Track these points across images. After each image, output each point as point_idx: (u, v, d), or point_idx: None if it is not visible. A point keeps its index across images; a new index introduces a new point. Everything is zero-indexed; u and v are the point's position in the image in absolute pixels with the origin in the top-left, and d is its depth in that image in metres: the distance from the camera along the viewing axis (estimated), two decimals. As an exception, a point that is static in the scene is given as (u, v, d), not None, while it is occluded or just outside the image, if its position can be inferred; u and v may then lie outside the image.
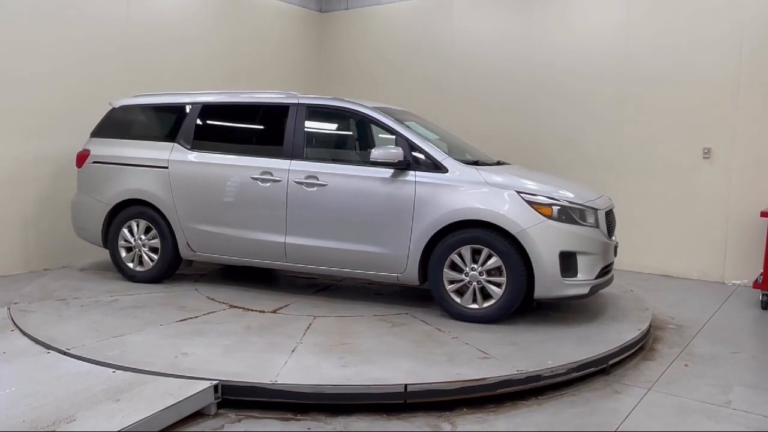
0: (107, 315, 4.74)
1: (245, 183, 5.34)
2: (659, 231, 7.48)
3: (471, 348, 4.20)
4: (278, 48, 9.47)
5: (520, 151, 7.89)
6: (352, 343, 4.24)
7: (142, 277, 5.78)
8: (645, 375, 4.22)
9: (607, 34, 7.71)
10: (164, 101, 6.01)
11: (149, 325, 4.51)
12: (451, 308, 4.84)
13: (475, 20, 8.74)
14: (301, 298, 5.40)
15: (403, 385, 3.56)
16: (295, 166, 5.23)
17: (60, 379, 3.55)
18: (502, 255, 4.63)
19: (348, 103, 5.36)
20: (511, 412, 3.58)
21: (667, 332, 5.20)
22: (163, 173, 5.63)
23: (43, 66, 6.65)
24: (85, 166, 6.00)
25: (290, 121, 5.36)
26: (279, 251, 5.29)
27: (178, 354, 3.90)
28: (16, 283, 6.04)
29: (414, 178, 4.89)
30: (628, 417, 3.55)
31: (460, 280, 4.79)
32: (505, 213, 4.63)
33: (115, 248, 5.85)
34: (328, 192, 5.10)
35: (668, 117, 7.35)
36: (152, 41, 7.67)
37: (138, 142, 5.88)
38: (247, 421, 3.39)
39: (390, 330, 4.57)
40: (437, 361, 3.94)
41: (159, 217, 5.66)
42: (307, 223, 5.17)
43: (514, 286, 4.63)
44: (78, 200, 6.09)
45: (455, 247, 4.75)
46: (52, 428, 2.94)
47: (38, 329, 4.34)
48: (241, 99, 5.75)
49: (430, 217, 4.78)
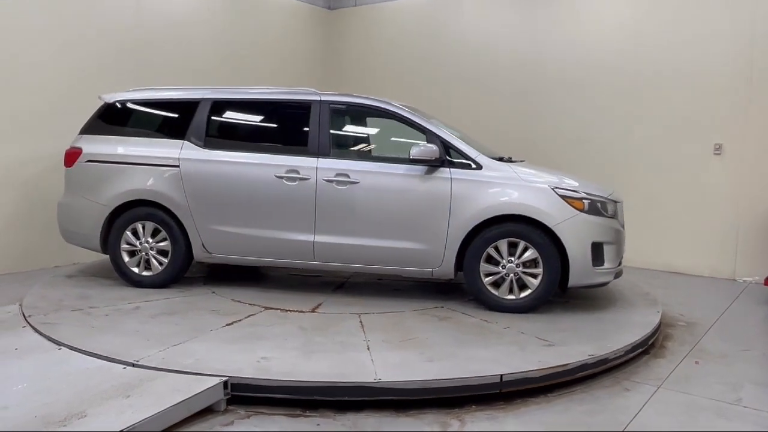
0: (143, 323, 4.45)
1: (269, 181, 5.17)
2: (669, 228, 7.44)
3: (530, 337, 4.37)
4: (286, 45, 9.48)
5: (528, 148, 7.85)
6: (417, 338, 4.28)
7: (150, 282, 5.43)
8: (655, 372, 4.20)
9: (616, 29, 7.67)
10: (169, 96, 5.69)
11: (198, 331, 4.29)
12: (488, 300, 4.99)
13: (484, 15, 8.72)
14: (328, 297, 5.35)
15: (498, 375, 3.67)
16: (323, 164, 5.14)
17: (71, 375, 3.57)
18: (539, 247, 4.84)
19: (373, 100, 5.38)
20: (520, 410, 3.58)
21: (678, 329, 5.17)
22: (173, 172, 5.34)
23: (45, 59, 6.67)
24: (77, 165, 5.54)
25: (313, 118, 5.27)
26: (307, 250, 5.18)
27: (259, 359, 3.78)
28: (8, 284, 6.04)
29: (449, 175, 4.99)
30: (638, 414, 3.54)
31: (496, 272, 4.96)
32: (543, 207, 4.84)
33: (117, 253, 5.46)
34: (361, 189, 5.08)
35: (678, 112, 7.31)
36: (159, 38, 7.68)
37: (139, 139, 5.55)
38: (256, 418, 3.40)
39: (441, 324, 4.65)
40: (510, 351, 4.08)
41: (169, 219, 5.35)
42: (338, 221, 5.10)
43: (550, 276, 4.86)
44: (68, 202, 5.64)
45: (492, 240, 4.92)
46: (63, 424, 2.96)
47: (85, 342, 4.00)
48: (257, 95, 5.59)
49: (468, 213, 4.91)
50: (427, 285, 5.87)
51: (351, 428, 3.31)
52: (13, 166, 6.48)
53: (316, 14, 10.03)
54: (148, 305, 4.94)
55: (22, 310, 4.74)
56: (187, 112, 5.52)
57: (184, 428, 3.22)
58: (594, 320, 4.87)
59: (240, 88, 5.79)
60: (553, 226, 4.80)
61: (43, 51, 6.60)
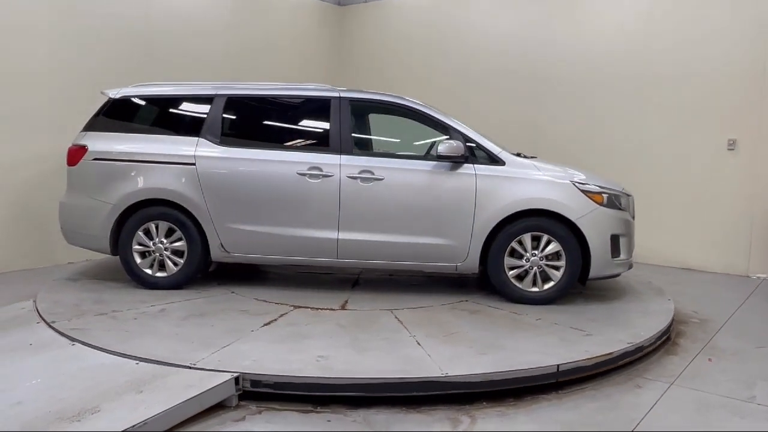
0: (178, 326, 4.34)
1: (291, 179, 5.11)
2: (682, 224, 7.39)
3: (565, 327, 4.51)
4: (296, 41, 9.49)
5: (538, 144, 7.83)
6: (459, 333, 4.33)
7: (165, 283, 5.28)
8: (667, 369, 4.18)
9: (628, 25, 7.61)
10: (180, 92, 5.54)
11: (238, 332, 4.22)
12: (513, 293, 5.10)
13: (493, 12, 8.68)
14: (350, 294, 5.34)
15: (555, 365, 3.78)
16: (346, 160, 5.12)
17: (84, 370, 3.60)
18: (562, 240, 5.00)
19: (394, 97, 5.39)
20: (531, 407, 3.57)
21: (690, 326, 5.14)
22: (189, 170, 5.18)
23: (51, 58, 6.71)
24: (82, 163, 5.32)
25: (334, 115, 5.24)
26: (330, 247, 5.14)
27: (317, 358, 3.77)
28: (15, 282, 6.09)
29: (474, 171, 5.06)
30: (650, 412, 3.52)
31: (520, 266, 5.08)
32: (566, 202, 4.99)
33: (129, 254, 5.27)
34: (386, 186, 5.08)
35: (692, 108, 7.24)
36: (168, 35, 7.70)
37: (150, 136, 5.36)
38: (267, 413, 3.41)
39: (474, 317, 4.73)
40: (552, 341, 4.19)
41: (185, 218, 5.21)
42: (363, 217, 5.09)
43: (572, 268, 5.02)
44: (72, 202, 5.42)
45: (516, 235, 5.03)
46: (77, 418, 2.99)
47: (129, 347, 3.88)
48: (274, 92, 5.50)
49: (493, 208, 5.00)
50: (440, 279, 5.91)
51: (362, 424, 3.32)
52: (14, 164, 6.51)
53: (326, 10, 10.03)
54: (172, 307, 4.82)
55: (42, 315, 4.54)
56: (201, 108, 5.41)
57: (196, 423, 3.24)
58: (616, 310, 5.06)
59: (254, 83, 5.67)
60: (576, 219, 4.96)
61: (44, 46, 6.62)
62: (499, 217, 5.00)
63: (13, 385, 3.39)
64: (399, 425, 3.32)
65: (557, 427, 3.34)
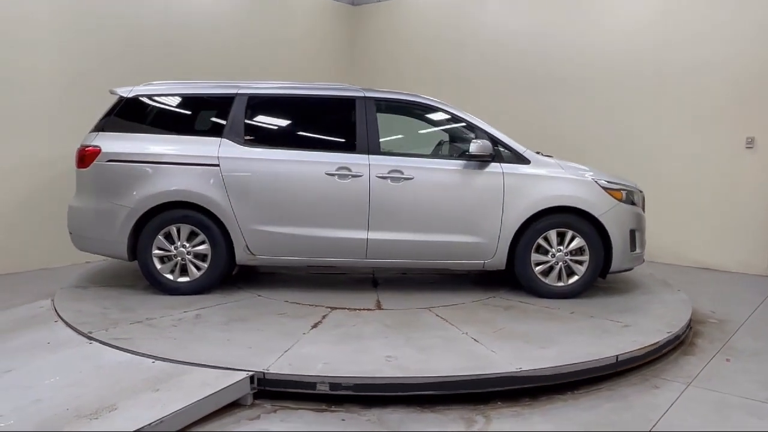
0: (225, 332, 4.23)
1: (319, 179, 5.06)
2: (699, 222, 7.31)
3: (602, 320, 4.66)
4: (310, 41, 9.52)
5: (553, 142, 7.77)
6: (506, 328, 4.41)
7: (187, 288, 5.12)
8: (684, 370, 4.14)
9: (644, 23, 7.55)
10: (198, 91, 5.39)
11: (289, 335, 4.15)
12: (539, 288, 5.23)
13: (507, 9, 8.64)
14: (377, 293, 5.33)
15: (614, 356, 3.92)
16: (375, 160, 5.12)
17: (101, 368, 3.63)
18: (586, 236, 5.15)
19: (418, 97, 5.43)
20: (546, 407, 3.55)
21: (708, 326, 5.08)
22: (212, 171, 5.04)
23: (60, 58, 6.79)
24: (95, 165, 5.09)
25: (360, 114, 5.23)
26: (359, 247, 5.13)
27: (386, 357, 3.78)
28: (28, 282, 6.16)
29: (501, 170, 5.16)
30: (667, 412, 3.49)
31: (545, 261, 5.21)
32: (590, 199, 5.15)
33: (149, 259, 5.09)
34: (415, 186, 5.10)
35: (709, 106, 7.17)
36: (182, 34, 7.76)
37: (168, 137, 5.20)
38: (282, 412, 3.42)
39: (511, 313, 4.82)
40: (596, 333, 4.33)
41: (209, 221, 5.06)
42: (393, 217, 5.10)
43: (596, 263, 5.19)
44: (83, 206, 5.18)
45: (542, 231, 5.16)
46: (94, 416, 3.02)
47: (188, 354, 3.76)
48: (297, 91, 5.41)
49: (521, 205, 5.11)
50: (456, 276, 5.98)
51: (376, 423, 3.32)
52: (32, 164, 6.60)
53: (340, 10, 10.05)
54: (206, 313, 4.68)
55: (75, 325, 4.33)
56: (221, 107, 5.27)
57: (212, 422, 3.26)
58: (636, 301, 5.24)
59: (276, 82, 5.57)
60: (599, 215, 5.12)
61: (53, 47, 6.71)
62: (527, 215, 5.10)
63: (32, 382, 3.43)
64: (413, 425, 3.32)
65: (573, 427, 3.32)
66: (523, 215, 5.10)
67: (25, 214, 6.56)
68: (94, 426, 2.93)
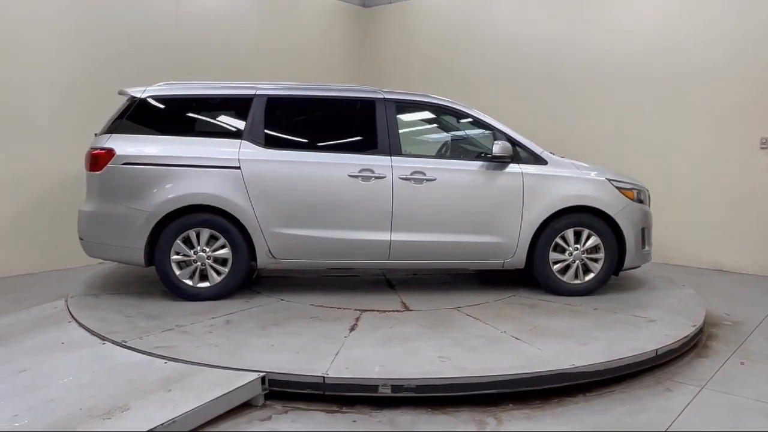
0: (265, 337, 4.16)
1: (342, 181, 5.02)
2: (714, 224, 7.25)
3: (626, 316, 4.79)
4: (321, 43, 9.54)
5: (566, 143, 7.74)
6: (540, 326, 4.47)
7: (208, 294, 5.00)
8: (698, 373, 4.10)
9: (657, 23, 7.50)
10: (215, 92, 5.30)
11: (331, 339, 4.11)
12: (557, 286, 5.32)
13: (519, 10, 8.62)
14: (398, 295, 5.33)
15: (654, 350, 4.03)
16: (397, 162, 5.11)
17: (114, 369, 3.66)
18: (601, 235, 5.27)
19: (437, 99, 5.46)
20: (557, 409, 3.53)
21: (722, 329, 5.04)
22: (233, 174, 4.93)
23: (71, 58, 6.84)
24: (109, 168, 4.90)
25: (380, 116, 5.22)
26: (382, 249, 5.12)
27: (440, 357, 3.78)
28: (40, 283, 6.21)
29: (520, 170, 5.22)
30: (680, 415, 3.46)
31: (563, 260, 5.30)
32: (605, 198, 5.27)
33: (167, 265, 4.94)
34: (438, 187, 5.12)
35: (723, 107, 7.11)
36: (194, 36, 7.81)
37: (185, 139, 5.07)
38: (293, 413, 3.43)
39: (537, 311, 4.90)
40: (627, 329, 4.44)
41: (230, 224, 4.96)
42: (416, 218, 5.11)
43: (610, 260, 5.31)
44: (96, 211, 4.99)
45: (560, 230, 5.25)
46: (107, 416, 3.04)
47: (238, 361, 3.68)
48: (316, 92, 5.36)
49: (540, 205, 5.19)
50: (467, 276, 6.07)
51: (387, 425, 3.32)
52: (45, 165, 6.67)
53: (352, 12, 10.07)
54: (235, 318, 4.58)
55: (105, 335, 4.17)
56: (240, 109, 5.18)
57: (223, 422, 3.27)
58: (649, 297, 5.39)
59: (294, 83, 5.51)
60: (614, 214, 5.24)
61: (65, 48, 6.78)
62: (546, 214, 5.18)
63: (47, 382, 3.47)
64: (424, 426, 3.31)
65: (586, 428, 3.30)
66: (542, 215, 5.18)
67: (37, 216, 6.62)
68: (107, 426, 2.95)
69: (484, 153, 5.31)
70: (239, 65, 8.23)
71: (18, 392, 3.34)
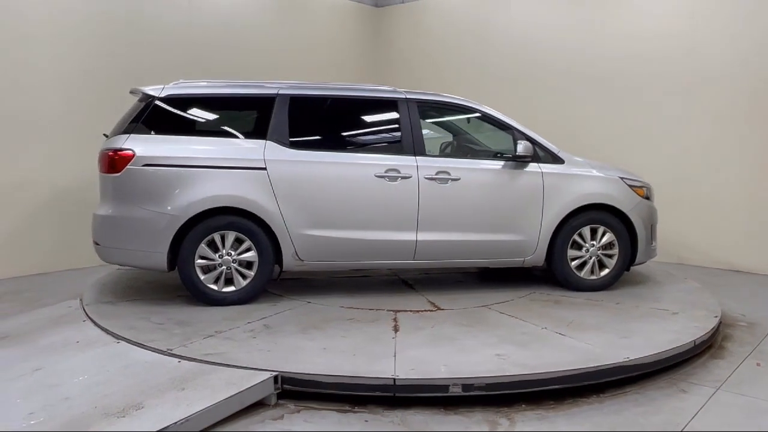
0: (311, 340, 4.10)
1: (369, 181, 5.00)
2: (730, 224, 7.17)
3: (649, 309, 4.96)
4: (333, 43, 9.55)
5: (582, 142, 7.68)
6: (575, 321, 4.58)
7: (234, 298, 4.87)
8: (714, 374, 4.06)
9: (673, 23, 7.43)
10: (236, 91, 5.17)
11: (378, 341, 4.10)
12: (575, 281, 5.45)
13: (532, 9, 8.57)
14: (422, 295, 5.34)
15: (692, 341, 4.23)
16: (422, 162, 5.13)
17: (129, 368, 3.69)
18: (615, 231, 5.42)
19: (458, 99, 5.50)
20: (571, 410, 3.51)
21: (738, 330, 4.98)
22: (259, 175, 4.84)
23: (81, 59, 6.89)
24: (129, 170, 4.71)
25: (403, 116, 5.22)
26: (408, 249, 5.13)
27: (497, 355, 3.84)
28: (55, 281, 6.26)
29: (540, 169, 5.32)
30: (695, 417, 3.43)
31: (580, 256, 5.43)
32: (619, 196, 5.43)
33: (192, 269, 4.79)
34: (462, 186, 5.17)
35: (741, 106, 7.02)
36: (207, 36, 7.82)
37: (207, 139, 4.97)
38: (306, 412, 3.44)
39: (563, 306, 5.01)
40: (655, 321, 4.62)
41: (256, 227, 4.85)
42: (441, 218, 5.14)
43: (624, 256, 5.47)
44: (114, 214, 4.79)
45: (578, 228, 5.38)
46: (121, 414, 3.06)
47: (307, 366, 3.64)
48: (339, 92, 5.32)
49: (560, 203, 5.31)
50: (480, 274, 6.11)
51: (399, 425, 3.32)
52: (61, 166, 6.70)
53: (364, 12, 10.07)
54: (272, 322, 4.50)
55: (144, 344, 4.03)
56: (262, 108, 5.08)
57: (236, 421, 3.29)
58: (660, 291, 5.60)
59: (315, 83, 5.47)
60: (627, 211, 5.40)
61: (77, 47, 6.82)
62: (565, 212, 5.30)
63: (62, 381, 3.50)
64: (437, 426, 3.30)
65: (599, 429, 3.28)
66: (561, 213, 5.29)
67: (52, 215, 6.67)
68: (122, 424, 2.97)
69: (500, 153, 5.36)
70: (250, 64, 8.23)
71: (33, 390, 3.38)
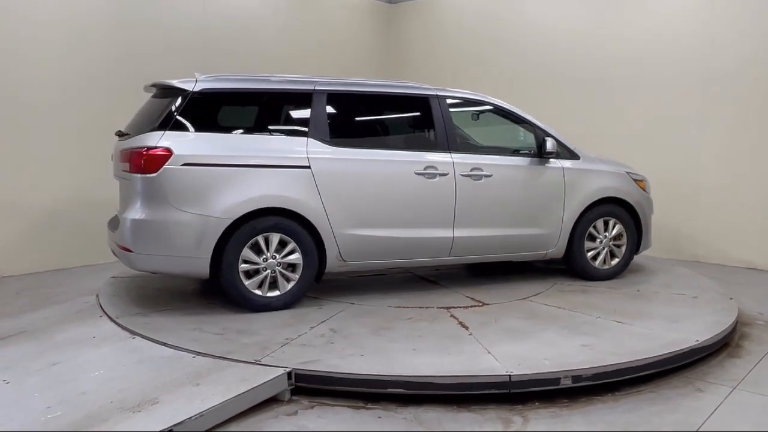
0: (393, 342, 4.03)
1: (409, 179, 4.96)
2: (747, 222, 7.08)
3: (670, 294, 5.29)
4: (347, 40, 9.54)
5: (595, 140, 7.63)
6: (617, 310, 4.78)
7: (279, 303, 4.65)
8: (730, 373, 4.01)
9: (690, 19, 7.34)
10: (273, 87, 4.98)
11: (458, 338, 4.11)
12: (591, 271, 5.72)
13: (546, 6, 8.51)
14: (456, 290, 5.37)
15: (734, 322, 4.55)
16: (457, 158, 5.16)
17: (144, 363, 3.72)
18: (624, 223, 5.75)
19: (484, 97, 5.57)
20: (585, 408, 3.49)
21: (756, 328, 4.93)
22: (303, 174, 4.66)
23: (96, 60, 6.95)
24: (166, 170, 4.36)
25: (436, 113, 5.23)
26: (445, 246, 5.17)
27: (584, 345, 3.96)
28: (75, 277, 6.32)
29: (560, 165, 5.53)
30: (711, 416, 3.39)
31: (594, 247, 5.72)
32: (628, 190, 5.77)
33: (236, 274, 4.53)
34: (494, 183, 5.27)
35: (757, 103, 6.93)
36: (221, 33, 7.84)
37: (247, 136, 4.82)
38: (319, 408, 3.45)
39: (591, 296, 5.22)
40: (686, 305, 4.90)
41: (300, 227, 4.67)
42: (475, 214, 5.22)
43: (632, 245, 5.82)
44: (151, 219, 4.41)
45: (593, 220, 5.66)
46: (137, 409, 3.09)
47: (404, 368, 3.61)
48: (373, 89, 5.23)
49: (578, 198, 5.55)
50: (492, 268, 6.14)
51: (413, 422, 3.32)
52: (76, 162, 6.75)
53: (377, 9, 10.06)
54: (336, 325, 4.35)
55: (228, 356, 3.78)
56: (299, 104, 4.94)
57: (250, 417, 3.30)
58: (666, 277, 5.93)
59: (349, 79, 5.31)
60: (634, 203, 5.75)
61: (92, 46, 6.87)
62: (584, 205, 5.55)
63: (78, 375, 3.54)
64: (450, 424, 3.30)
65: (613, 429, 3.26)
66: (580, 207, 5.54)
67: (68, 211, 6.72)
68: (137, 418, 3.00)
69: (519, 149, 5.55)
70: (264, 62, 8.23)
71: (50, 385, 3.42)
